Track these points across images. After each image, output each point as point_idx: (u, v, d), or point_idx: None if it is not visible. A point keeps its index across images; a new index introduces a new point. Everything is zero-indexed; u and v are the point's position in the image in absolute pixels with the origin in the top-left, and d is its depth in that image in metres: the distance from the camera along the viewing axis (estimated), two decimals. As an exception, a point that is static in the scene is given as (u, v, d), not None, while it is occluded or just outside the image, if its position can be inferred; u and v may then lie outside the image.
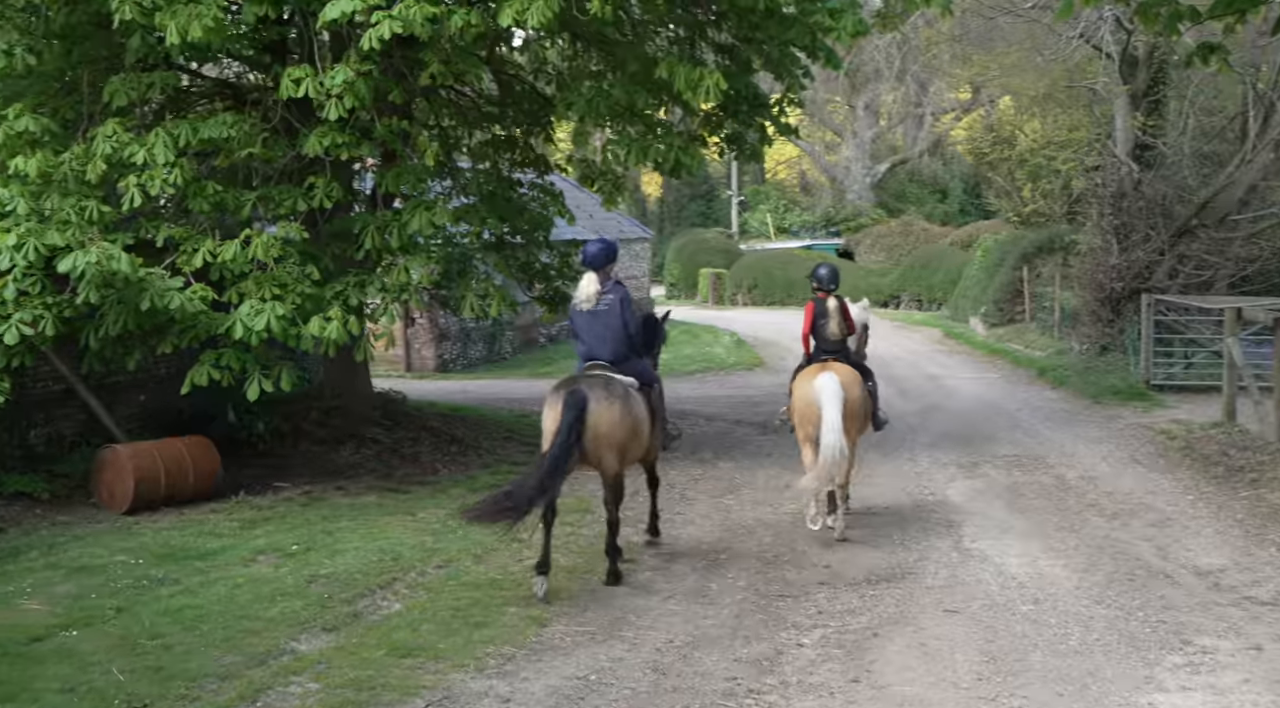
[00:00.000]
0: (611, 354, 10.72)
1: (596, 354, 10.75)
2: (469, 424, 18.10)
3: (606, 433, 10.18)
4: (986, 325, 32.51)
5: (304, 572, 10.57)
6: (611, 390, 10.32)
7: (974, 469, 15.48)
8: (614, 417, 10.20)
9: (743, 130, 17.34)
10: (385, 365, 27.41)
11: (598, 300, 10.71)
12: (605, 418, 10.15)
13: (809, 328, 12.52)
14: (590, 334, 10.80)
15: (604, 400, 10.18)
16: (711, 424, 19.78)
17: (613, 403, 10.23)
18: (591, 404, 10.07)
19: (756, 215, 71.03)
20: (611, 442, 10.25)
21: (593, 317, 10.75)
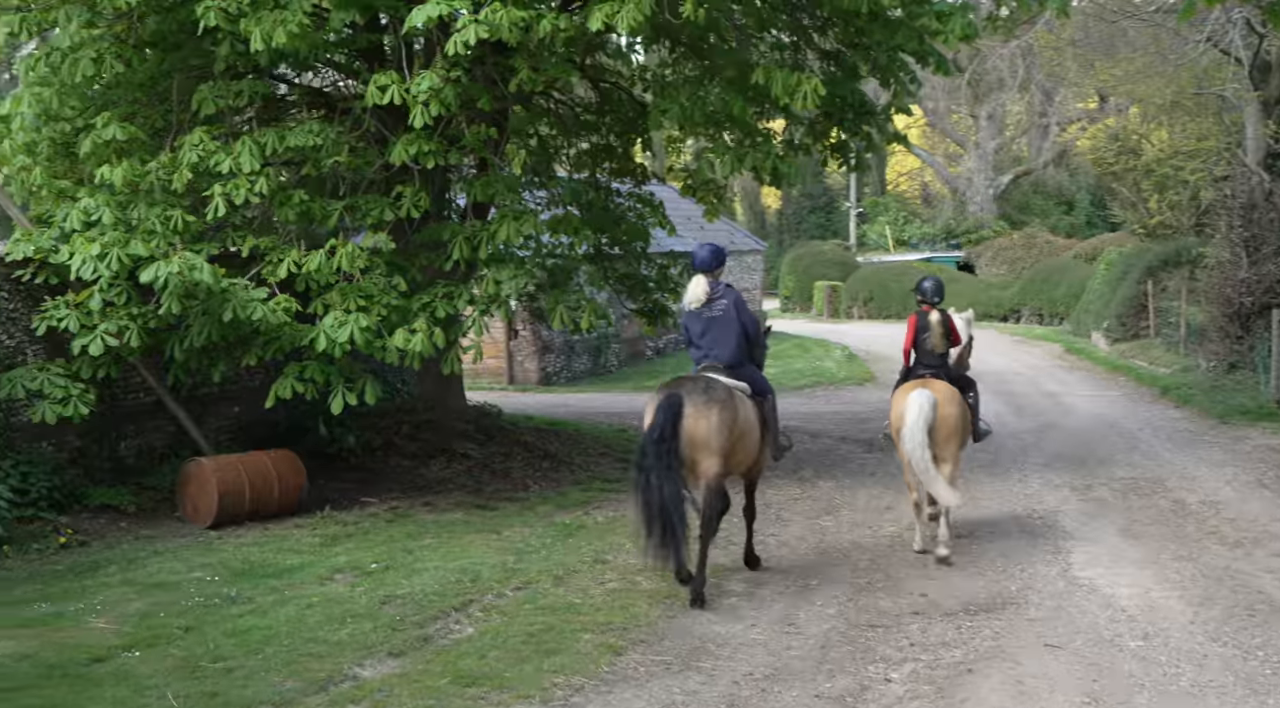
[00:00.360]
0: (729, 358, 10.58)
1: (713, 357, 10.61)
2: (564, 439, 17.82)
3: (704, 438, 9.93)
4: (1109, 341, 31.56)
5: (379, 592, 10.32)
6: (712, 393, 10.06)
7: (1088, 492, 14.81)
8: (711, 421, 9.95)
9: (849, 138, 16.85)
10: (488, 378, 27.32)
11: (707, 302, 10.58)
12: (702, 422, 9.92)
13: (911, 342, 12.43)
14: (705, 337, 10.66)
15: (702, 404, 9.95)
16: (816, 441, 19.27)
17: (711, 406, 9.98)
18: (687, 408, 9.88)
19: (875, 227, 70.27)
20: (710, 447, 9.98)
21: (707, 320, 10.62)
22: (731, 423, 10.10)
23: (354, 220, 13.42)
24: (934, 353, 12.31)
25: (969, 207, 64.46)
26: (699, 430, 9.91)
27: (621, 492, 14.94)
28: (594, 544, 12.13)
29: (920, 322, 12.36)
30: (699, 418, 9.90)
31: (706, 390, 10.08)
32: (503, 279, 13.32)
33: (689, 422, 9.86)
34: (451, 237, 13.56)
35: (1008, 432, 19.78)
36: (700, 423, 9.91)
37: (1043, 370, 29.11)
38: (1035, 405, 23.06)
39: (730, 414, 10.10)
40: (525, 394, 26.17)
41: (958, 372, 12.79)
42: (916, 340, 12.37)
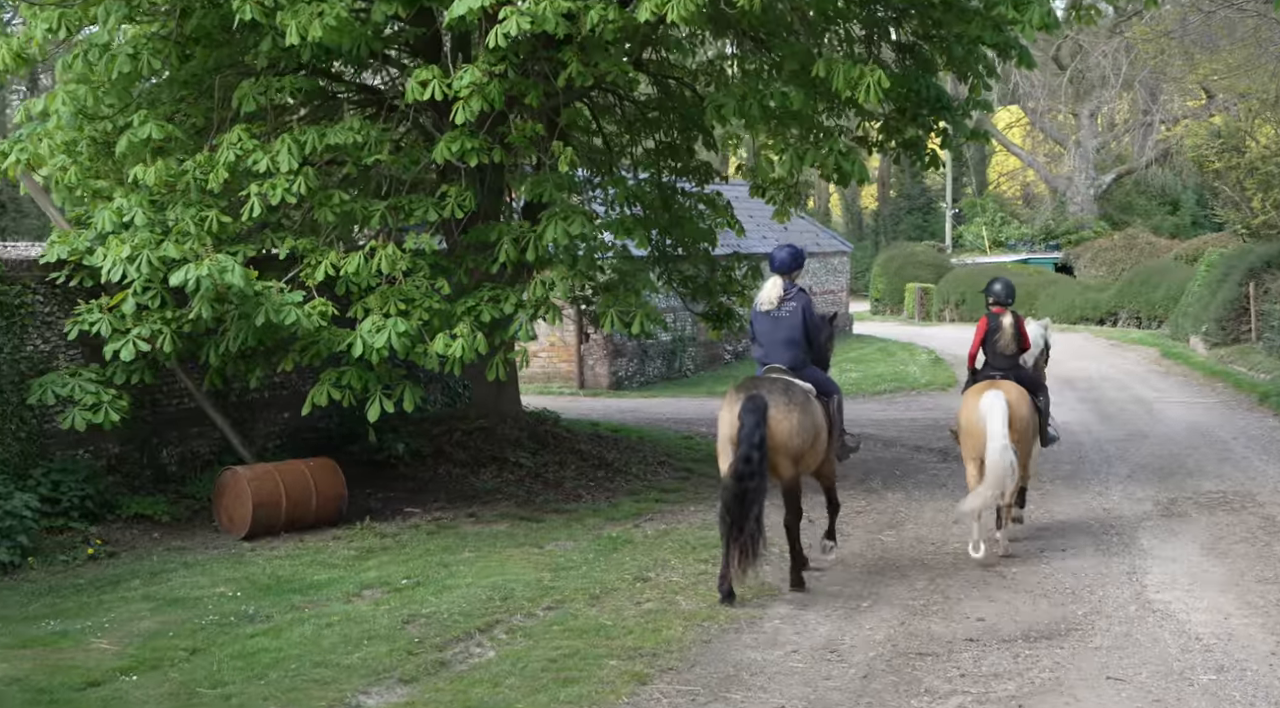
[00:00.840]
0: (791, 361, 10.67)
1: (775, 359, 10.70)
2: (624, 447, 17.32)
3: (785, 441, 10.11)
4: (1207, 345, 30.46)
5: (404, 610, 9.89)
6: (792, 396, 10.23)
7: (1171, 507, 14.05)
8: (793, 423, 10.13)
9: (923, 135, 16.20)
10: (560, 382, 26.94)
11: (780, 305, 10.67)
12: (785, 425, 10.08)
13: (979, 343, 12.45)
14: (770, 339, 10.75)
15: (784, 406, 10.10)
16: (889, 450, 18.62)
17: (792, 409, 10.15)
18: (771, 410, 9.98)
19: (972, 228, 69.12)
20: (789, 449, 10.19)
21: (774, 321, 10.71)
22: (811, 425, 10.33)
23: (397, 221, 13.00)
24: (1004, 355, 12.24)
25: (1069, 207, 63.17)
26: (781, 432, 10.05)
27: (676, 503, 14.48)
28: (638, 560, 11.63)
29: (991, 323, 12.30)
30: (782, 420, 10.04)
31: (787, 392, 10.22)
32: (551, 282, 12.87)
33: (773, 424, 9.97)
34: (498, 237, 13.13)
35: (1092, 441, 19.01)
36: (783, 425, 10.05)
37: (1136, 376, 28.14)
38: (1124, 413, 22.19)
39: (810, 417, 10.33)
40: (595, 399, 25.72)
41: (1028, 375, 12.58)
42: (986, 342, 12.31)
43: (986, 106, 16.99)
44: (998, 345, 12.22)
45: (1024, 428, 11.82)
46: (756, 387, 10.23)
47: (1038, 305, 44.82)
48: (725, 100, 13.11)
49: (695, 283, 17.36)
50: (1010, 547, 12.02)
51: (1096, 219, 61.00)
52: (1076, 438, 19.33)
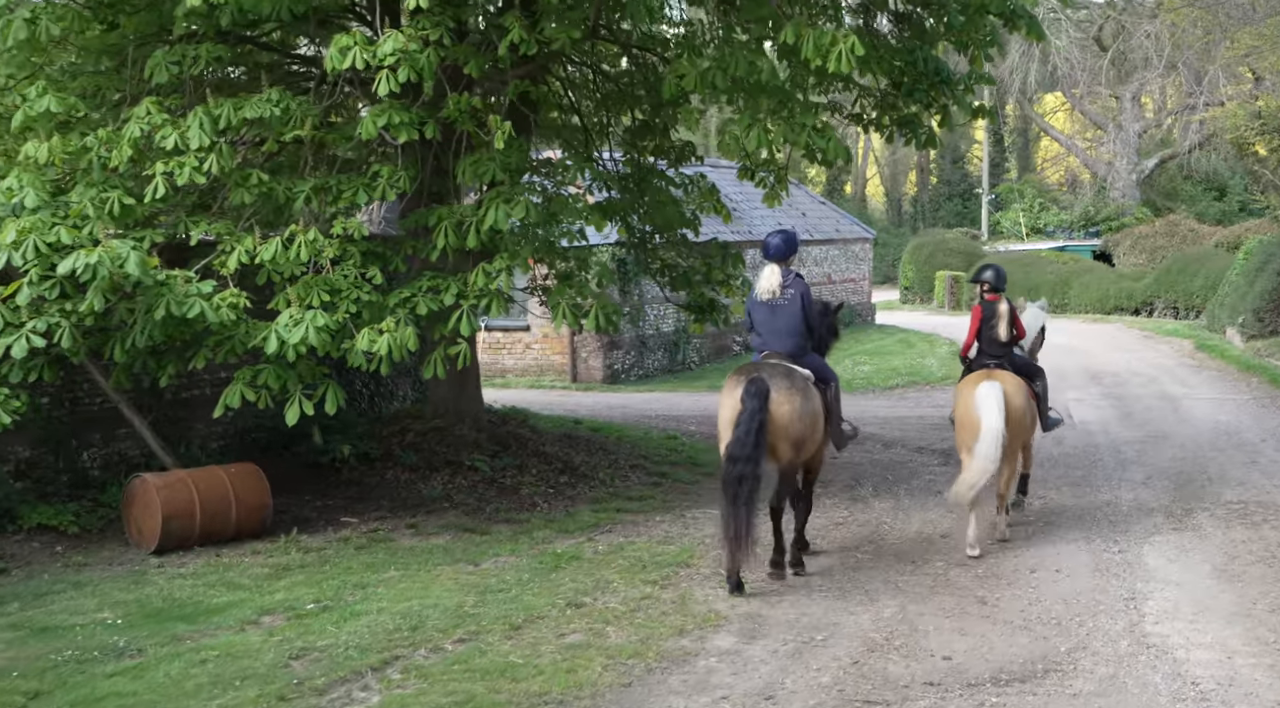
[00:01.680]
0: (791, 349, 10.77)
1: (775, 348, 10.78)
2: (596, 449, 16.21)
3: (786, 425, 10.18)
4: (1244, 338, 29.08)
5: (298, 643, 8.86)
6: (793, 381, 10.33)
7: (1185, 519, 12.86)
8: (795, 408, 10.21)
9: (920, 112, 15.00)
10: (552, 375, 25.86)
11: (780, 293, 10.76)
12: (786, 408, 10.15)
13: (975, 333, 12.53)
14: (769, 327, 10.86)
15: (785, 390, 10.20)
16: (888, 451, 17.46)
17: (794, 393, 10.25)
18: (773, 394, 10.07)
19: (1009, 215, 67.71)
20: (791, 434, 10.25)
21: (772, 309, 10.81)
22: (811, 411, 10.42)
23: (322, 205, 11.90)
24: (999, 343, 12.30)
25: (1110, 193, 61.66)
26: (782, 416, 10.13)
27: (640, 513, 13.41)
28: (579, 581, 10.55)
29: (986, 311, 12.41)
30: (783, 403, 10.13)
31: (789, 376, 10.32)
32: (496, 271, 11.77)
33: (774, 408, 10.05)
34: (438, 222, 12.03)
35: (1109, 443, 17.80)
36: (784, 409, 10.14)
37: (1166, 370, 26.81)
38: (1148, 411, 20.94)
39: (811, 403, 10.44)
40: (587, 394, 24.62)
41: (1023, 361, 12.72)
42: (981, 331, 12.42)
43: (988, 80, 15.75)
44: (994, 334, 12.26)
45: (1020, 417, 11.83)
46: (758, 371, 10.29)
47: (1070, 295, 43.49)
48: (686, 69, 11.97)
49: (674, 272, 16.22)
50: (1009, 532, 12.10)
51: (1138, 205, 59.53)
52: (1093, 439, 18.14)
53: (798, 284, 10.87)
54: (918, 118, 14.91)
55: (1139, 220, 55.73)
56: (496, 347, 26.66)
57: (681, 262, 16.23)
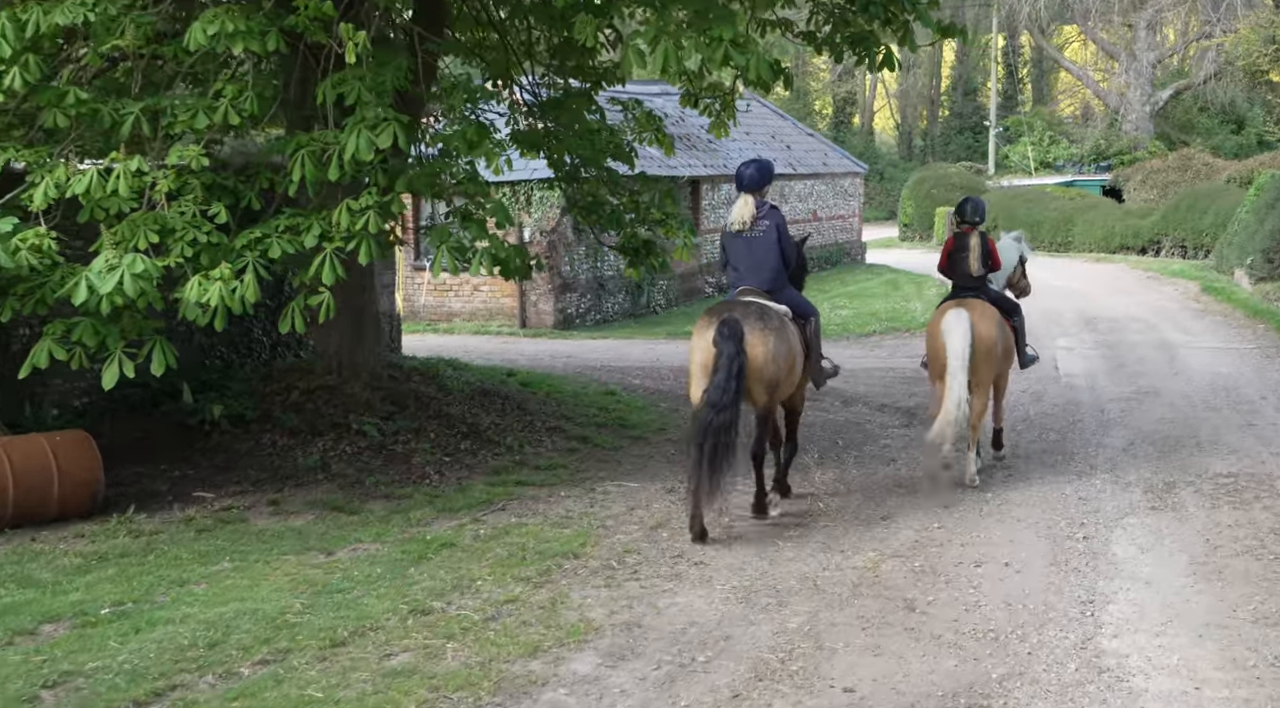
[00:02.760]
0: (769, 283, 10.61)
1: (751, 282, 10.60)
2: (513, 408, 14.59)
3: (760, 367, 9.93)
4: (1252, 280, 27.36)
5: (62, 664, 7.32)
6: (767, 320, 10.07)
7: (1165, 496, 11.29)
8: (769, 349, 9.95)
9: (876, 29, 13.25)
10: (502, 320, 24.28)
11: (753, 225, 10.60)
12: (760, 350, 9.90)
13: (945, 263, 12.56)
14: (745, 260, 10.68)
15: (760, 331, 9.93)
16: (848, 409, 15.90)
17: (768, 334, 9.97)
18: (748, 335, 9.79)
19: (1017, 148, 65.81)
20: (766, 376, 10.01)
21: (748, 242, 10.65)
22: (787, 351, 10.16)
23: (154, 128, 10.22)
24: (970, 275, 12.27)
25: (1123, 126, 59.70)
26: (758, 358, 9.87)
27: (543, 486, 11.88)
28: (438, 579, 9.00)
29: (957, 243, 12.38)
30: (758, 345, 9.86)
31: (763, 316, 10.06)
32: (358, 207, 10.14)
33: (749, 349, 9.77)
34: (295, 150, 10.36)
35: (1093, 400, 16.22)
36: (759, 350, 9.87)
37: (1168, 315, 25.15)
38: (1142, 362, 19.32)
39: (786, 342, 10.17)
40: (536, 341, 23.06)
41: (995, 294, 12.59)
42: (952, 261, 12.40)
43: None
44: (965, 266, 12.24)
45: (989, 347, 11.77)
46: (730, 310, 10.00)
47: (1074, 233, 41.80)
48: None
49: (601, 211, 14.58)
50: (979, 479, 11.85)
51: (1152, 138, 57.63)
52: (1076, 396, 16.58)
53: (773, 215, 10.68)
54: (874, 36, 13.18)
55: (1152, 154, 53.89)
56: (442, 289, 25.11)
57: (611, 199, 14.56)
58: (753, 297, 10.42)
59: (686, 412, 13.24)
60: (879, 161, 76.55)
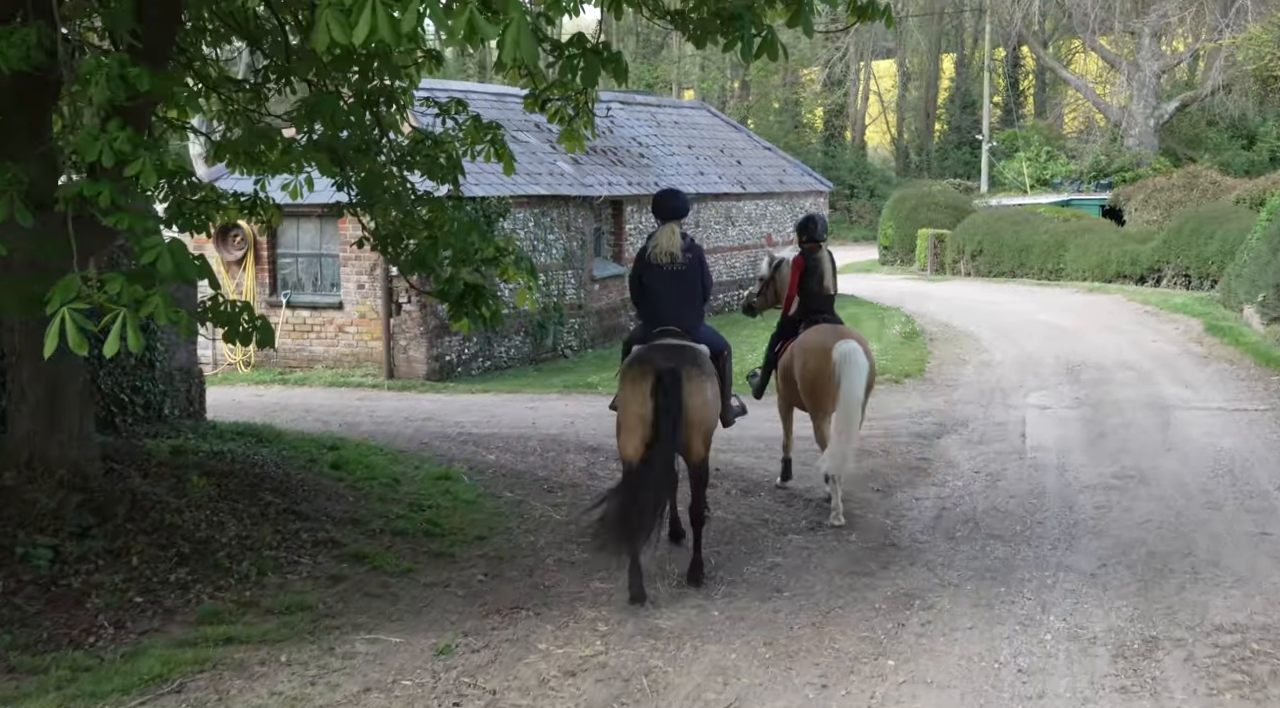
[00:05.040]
0: (690, 321, 10.39)
1: (672, 320, 10.26)
2: (282, 510, 11.07)
3: (701, 417, 9.77)
4: (1264, 319, 24.00)
5: None
6: (703, 366, 9.98)
7: (1142, 667, 8.01)
8: (706, 397, 9.81)
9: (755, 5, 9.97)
10: (370, 367, 20.98)
11: (680, 257, 10.34)
12: (698, 400, 9.73)
13: (796, 286, 12.36)
14: (667, 297, 10.34)
15: (698, 378, 9.78)
16: (746, 500, 12.64)
17: (705, 381, 9.85)
18: (685, 383, 9.61)
19: (1012, 165, 62.94)
20: (704, 425, 9.84)
21: (672, 276, 10.34)
22: (716, 395, 10.04)
23: None
24: (825, 295, 12.41)
25: (1126, 140, 56.70)
26: (696, 408, 9.70)
27: (260, 645, 8.49)
28: None
29: (808, 262, 12.30)
30: (695, 393, 9.70)
31: (697, 361, 9.96)
32: None
33: (687, 398, 9.61)
34: None
35: (1059, 487, 13.06)
36: (696, 399, 9.70)
37: (1165, 361, 21.83)
38: (1128, 429, 16.04)
39: (715, 386, 10.03)
40: (402, 396, 19.67)
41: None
42: (804, 285, 12.31)
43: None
44: (820, 286, 12.27)
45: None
46: (665, 358, 9.73)
47: (1066, 259, 38.50)
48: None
49: (397, 245, 11.29)
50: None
51: (1156, 155, 54.71)
52: (1041, 480, 13.37)
53: (696, 249, 10.53)
54: (752, 13, 9.88)
55: (1156, 171, 50.94)
56: (303, 328, 21.80)
57: (408, 231, 11.27)
58: (673, 339, 10.10)
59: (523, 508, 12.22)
60: (870, 178, 73.92)
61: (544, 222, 22.90)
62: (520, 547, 10.93)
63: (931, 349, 24.24)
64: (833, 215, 67.46)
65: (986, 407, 17.99)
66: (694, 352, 10.04)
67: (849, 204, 70.69)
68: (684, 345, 10.06)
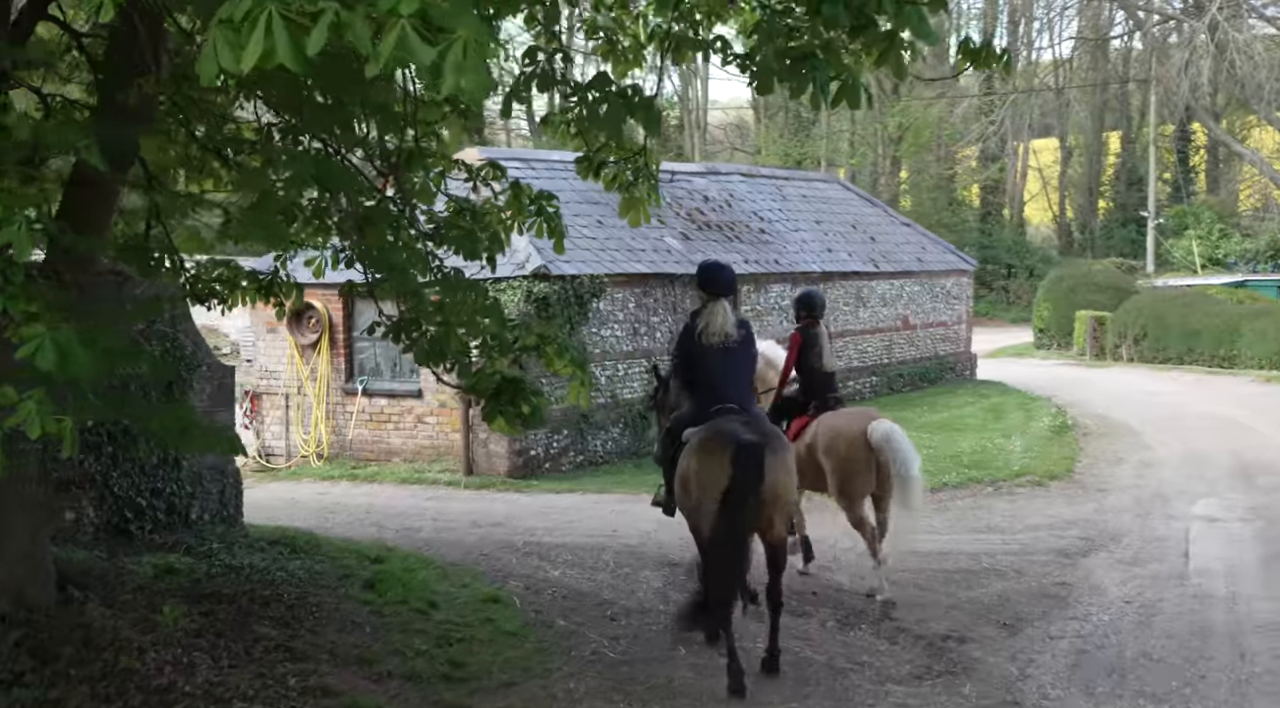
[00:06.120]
0: (748, 402, 10.07)
1: (730, 400, 9.81)
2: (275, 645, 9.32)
3: (784, 493, 9.54)
4: None
5: None
6: (781, 438, 9.93)
7: None
8: (790, 471, 9.62)
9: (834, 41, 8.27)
10: (450, 461, 19.41)
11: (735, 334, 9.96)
12: (781, 473, 9.40)
13: (793, 363, 12.24)
14: (722, 377, 9.94)
15: (780, 451, 9.52)
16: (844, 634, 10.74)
17: (786, 453, 9.62)
18: (768, 456, 9.19)
19: (1181, 244, 60.33)
20: (786, 502, 9.68)
21: (726, 355, 9.95)
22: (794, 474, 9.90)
23: None
24: (826, 373, 12.30)
25: (1309, 216, 54.35)
26: (780, 484, 9.42)
27: None
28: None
29: (806, 338, 12.14)
30: (778, 468, 9.37)
31: (777, 434, 9.94)
32: None
33: (771, 474, 9.22)
34: None
35: (1231, 628, 10.95)
36: (780, 474, 9.40)
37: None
38: None
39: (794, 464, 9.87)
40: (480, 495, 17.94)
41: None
42: (802, 361, 12.17)
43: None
44: (820, 364, 12.15)
45: None
46: (745, 429, 9.30)
47: (1240, 345, 35.79)
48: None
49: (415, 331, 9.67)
50: None
51: (1347, 231, 52.21)
52: (1205, 616, 11.33)
53: (746, 325, 10.21)
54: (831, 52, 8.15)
55: (1345, 251, 48.33)
56: (380, 418, 20.33)
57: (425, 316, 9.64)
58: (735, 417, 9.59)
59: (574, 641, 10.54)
60: (1029, 256, 71.46)
61: (646, 303, 21.26)
62: (555, 698, 9.15)
63: (1083, 445, 22.02)
64: (989, 295, 65.35)
65: (1144, 517, 15.81)
66: (770, 425, 10.00)
67: (1006, 284, 68.44)
68: (759, 418, 9.91)
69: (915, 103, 65.27)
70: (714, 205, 25.99)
